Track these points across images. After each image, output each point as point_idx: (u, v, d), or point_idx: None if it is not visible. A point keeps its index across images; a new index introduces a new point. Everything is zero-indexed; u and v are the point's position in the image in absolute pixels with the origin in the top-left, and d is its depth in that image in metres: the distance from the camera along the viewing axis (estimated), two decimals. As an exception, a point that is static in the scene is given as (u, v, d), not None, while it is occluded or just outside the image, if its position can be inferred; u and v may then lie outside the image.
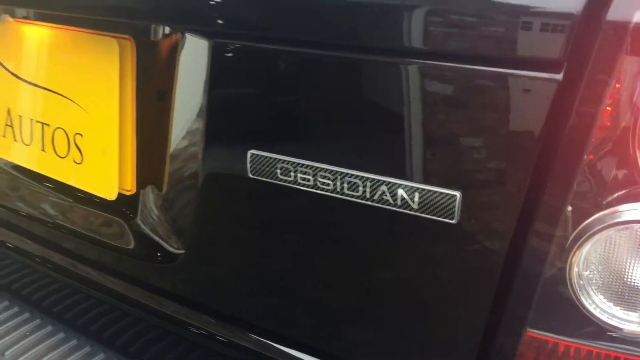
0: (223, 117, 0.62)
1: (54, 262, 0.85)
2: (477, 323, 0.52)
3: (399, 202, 0.51)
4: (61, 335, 0.85)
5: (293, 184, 0.56)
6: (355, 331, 0.61)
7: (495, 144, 0.47)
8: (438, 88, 0.48)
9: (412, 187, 0.50)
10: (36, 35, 0.79)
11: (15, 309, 0.89)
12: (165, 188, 0.72)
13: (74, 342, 0.83)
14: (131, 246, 0.75)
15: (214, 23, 0.59)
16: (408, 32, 0.48)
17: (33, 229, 0.86)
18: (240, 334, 0.69)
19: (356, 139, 0.54)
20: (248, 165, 0.58)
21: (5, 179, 0.89)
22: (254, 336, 0.68)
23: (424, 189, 0.50)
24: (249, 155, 0.58)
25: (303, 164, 0.55)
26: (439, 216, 0.50)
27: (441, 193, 0.49)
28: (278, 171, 0.57)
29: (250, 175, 0.59)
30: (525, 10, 0.44)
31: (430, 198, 0.50)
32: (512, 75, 0.45)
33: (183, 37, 0.65)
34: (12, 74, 0.83)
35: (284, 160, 0.56)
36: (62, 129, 0.79)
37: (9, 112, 0.85)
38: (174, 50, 0.67)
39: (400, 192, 0.51)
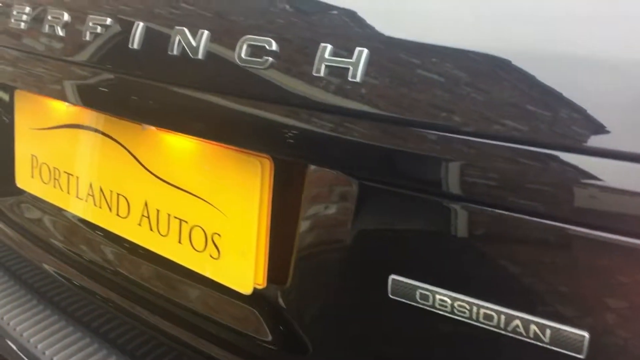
0: (359, 244, 0.72)
1: (181, 339, 0.96)
2: None
3: (530, 335, 0.60)
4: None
5: (430, 307, 0.65)
6: None
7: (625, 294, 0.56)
8: (581, 254, 0.57)
9: (544, 324, 0.59)
10: (177, 144, 0.90)
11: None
12: (291, 284, 0.82)
13: None
14: (260, 336, 0.85)
15: (361, 168, 0.69)
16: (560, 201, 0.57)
17: (166, 309, 0.96)
18: None
19: (494, 278, 0.63)
20: (389, 288, 0.68)
21: (139, 262, 1.00)
22: None
23: (554, 327, 0.58)
24: (390, 280, 0.67)
25: (442, 293, 0.64)
26: (568, 351, 0.58)
27: (571, 332, 0.58)
28: (417, 295, 0.66)
29: (390, 296, 0.68)
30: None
31: (560, 335, 0.58)
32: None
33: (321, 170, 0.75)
34: (152, 173, 0.95)
35: (425, 288, 0.65)
36: (200, 227, 0.89)
37: (146, 204, 0.97)
38: (309, 176, 0.77)
39: (533, 327, 0.59)
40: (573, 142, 0.55)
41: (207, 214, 0.88)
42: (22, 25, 1.02)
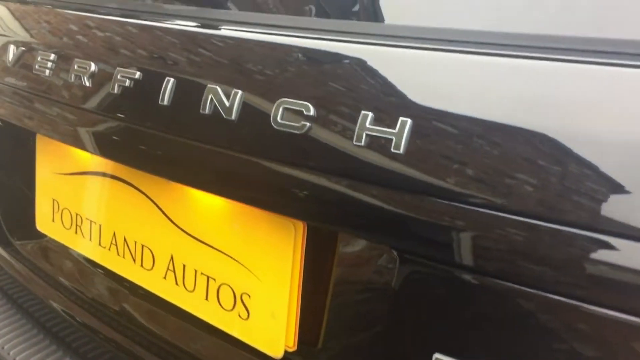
0: (392, 315, 0.69)
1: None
2: None
3: None
4: None
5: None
6: None
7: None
8: None
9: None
10: (205, 200, 0.88)
11: None
12: (322, 347, 0.80)
13: None
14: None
15: (398, 240, 0.66)
16: None
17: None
18: None
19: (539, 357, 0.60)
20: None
21: (162, 315, 0.98)
22: None
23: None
24: (434, 358, 0.65)
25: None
26: None
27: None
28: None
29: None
30: None
31: None
32: None
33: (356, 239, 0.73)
34: (178, 227, 0.92)
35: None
36: (228, 285, 0.87)
37: (172, 258, 0.95)
38: (343, 242, 0.75)
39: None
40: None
41: (237, 272, 0.86)
42: (47, 72, 1.01)
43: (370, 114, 0.66)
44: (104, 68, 0.92)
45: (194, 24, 0.87)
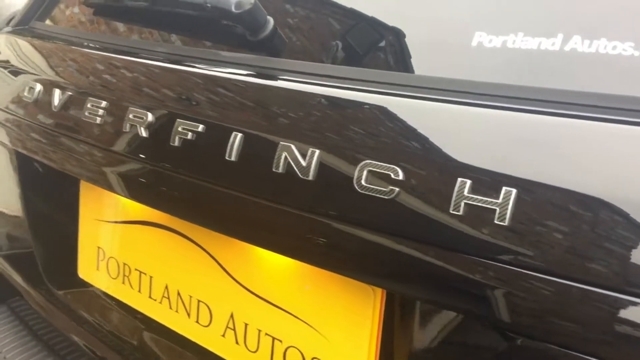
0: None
1: None
2: None
3: None
4: None
5: None
6: None
7: None
8: None
9: None
10: (272, 259, 0.84)
11: None
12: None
13: None
14: None
15: (492, 315, 0.62)
16: None
17: None
18: None
19: None
20: None
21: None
22: None
23: None
24: None
25: None
26: None
27: None
28: None
29: None
30: None
31: None
32: None
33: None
34: (240, 284, 0.89)
35: None
36: (296, 348, 0.83)
37: (232, 316, 0.90)
38: (424, 312, 0.71)
39: None
40: None
41: (306, 335, 0.81)
42: (98, 119, 0.97)
43: (469, 182, 0.62)
44: (163, 119, 0.88)
45: (263, 74, 0.83)
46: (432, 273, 0.65)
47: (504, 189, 0.60)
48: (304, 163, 0.73)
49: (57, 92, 1.06)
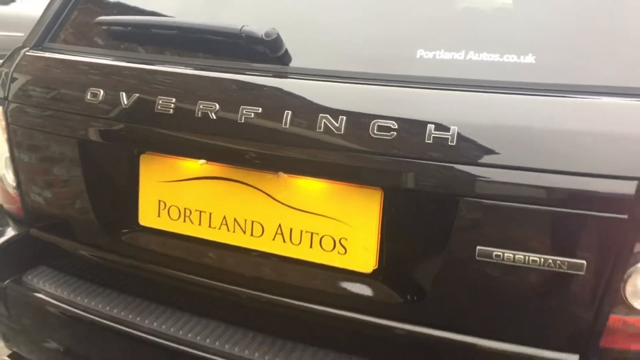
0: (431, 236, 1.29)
1: (316, 310, 1.46)
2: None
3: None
4: None
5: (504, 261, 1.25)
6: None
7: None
8: None
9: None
10: (308, 185, 1.41)
11: None
12: (389, 265, 1.38)
13: None
14: (375, 295, 1.39)
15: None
16: None
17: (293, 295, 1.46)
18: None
19: None
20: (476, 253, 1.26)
21: (274, 264, 1.49)
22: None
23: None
24: (477, 249, 1.26)
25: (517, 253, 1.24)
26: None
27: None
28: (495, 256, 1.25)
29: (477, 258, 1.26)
30: None
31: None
32: None
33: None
34: (284, 204, 1.44)
35: (503, 252, 1.24)
36: (329, 235, 1.41)
37: (279, 226, 1.46)
38: (407, 201, 1.33)
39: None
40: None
41: (335, 226, 1.40)
42: (170, 110, 1.46)
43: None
44: (229, 104, 1.40)
45: (279, 76, 1.40)
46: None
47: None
48: (336, 124, 1.30)
49: (123, 95, 1.52)
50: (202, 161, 1.50)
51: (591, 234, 1.19)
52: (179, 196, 1.57)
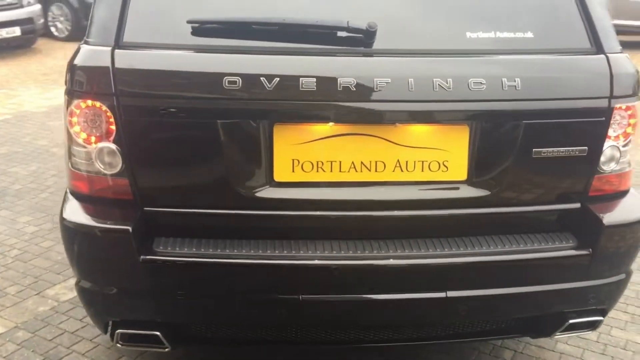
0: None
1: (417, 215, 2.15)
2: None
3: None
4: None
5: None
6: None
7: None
8: None
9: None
10: (418, 129, 2.08)
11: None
12: (475, 174, 2.15)
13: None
14: (465, 193, 2.15)
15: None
16: None
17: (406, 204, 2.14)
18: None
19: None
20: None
21: (394, 192, 2.13)
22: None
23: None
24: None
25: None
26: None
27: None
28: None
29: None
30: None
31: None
32: None
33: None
34: (400, 144, 2.08)
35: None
36: (435, 160, 2.10)
37: (398, 161, 2.09)
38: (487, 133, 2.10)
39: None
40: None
41: (439, 154, 2.09)
42: (309, 88, 1.97)
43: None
44: (364, 80, 1.98)
45: (372, 55, 2.06)
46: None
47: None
48: (446, 84, 2.00)
49: (263, 79, 1.97)
50: (332, 123, 2.04)
51: (587, 133, 2.12)
52: (311, 153, 2.08)
